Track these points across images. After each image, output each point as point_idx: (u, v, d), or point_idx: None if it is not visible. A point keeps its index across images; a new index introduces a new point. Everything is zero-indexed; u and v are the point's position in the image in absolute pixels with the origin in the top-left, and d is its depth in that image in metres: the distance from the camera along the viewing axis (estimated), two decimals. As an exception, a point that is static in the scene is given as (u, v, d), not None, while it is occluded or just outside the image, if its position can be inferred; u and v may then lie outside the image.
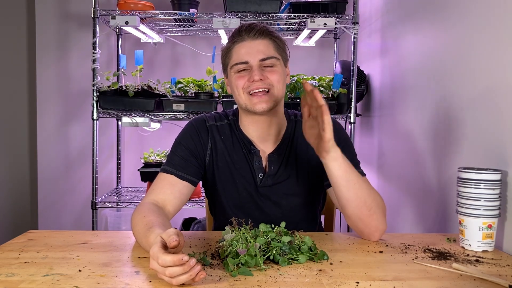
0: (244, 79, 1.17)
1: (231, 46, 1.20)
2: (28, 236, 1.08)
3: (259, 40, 1.17)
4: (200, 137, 1.24)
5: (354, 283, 0.81)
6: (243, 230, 0.94)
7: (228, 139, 1.25)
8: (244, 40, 1.17)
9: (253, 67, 1.16)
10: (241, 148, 1.24)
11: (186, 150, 1.22)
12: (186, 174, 1.19)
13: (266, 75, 1.16)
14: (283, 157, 1.24)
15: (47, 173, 2.77)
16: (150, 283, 0.79)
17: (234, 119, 1.28)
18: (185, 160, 1.20)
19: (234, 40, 1.19)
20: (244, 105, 1.19)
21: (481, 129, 1.21)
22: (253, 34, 1.17)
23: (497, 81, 1.15)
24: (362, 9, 2.41)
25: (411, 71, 1.74)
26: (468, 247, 1.04)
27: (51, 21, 2.73)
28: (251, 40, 1.17)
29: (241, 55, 1.17)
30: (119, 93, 2.15)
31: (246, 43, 1.17)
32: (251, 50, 1.16)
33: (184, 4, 2.27)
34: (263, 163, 1.23)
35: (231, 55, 1.19)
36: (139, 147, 2.77)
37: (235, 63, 1.18)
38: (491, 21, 1.18)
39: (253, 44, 1.17)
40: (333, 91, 2.17)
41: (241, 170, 1.23)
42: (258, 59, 1.16)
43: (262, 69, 1.17)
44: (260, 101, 1.16)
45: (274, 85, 1.17)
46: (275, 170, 1.23)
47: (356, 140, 2.45)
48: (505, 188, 1.07)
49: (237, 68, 1.18)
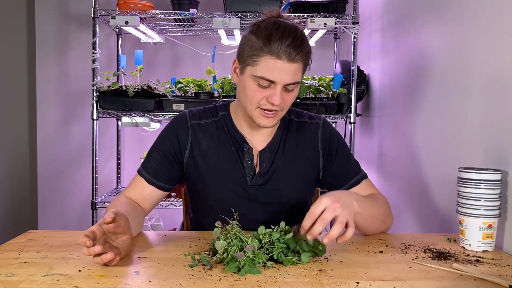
0: (262, 94, 1.09)
1: (262, 51, 1.05)
2: (28, 236, 1.08)
3: (294, 64, 1.06)
4: (178, 138, 1.21)
5: (354, 283, 0.81)
6: (233, 230, 0.92)
7: (215, 137, 1.21)
8: (280, 58, 1.05)
9: (276, 89, 1.07)
10: (230, 146, 1.21)
11: (161, 154, 1.21)
12: (157, 180, 1.20)
13: (284, 98, 1.10)
14: (275, 154, 1.21)
15: (47, 173, 2.77)
16: (150, 283, 0.79)
17: (224, 115, 1.24)
18: (159, 165, 1.20)
19: (269, 48, 1.05)
20: (250, 115, 1.14)
21: (481, 129, 1.21)
22: (293, 56, 1.05)
23: (497, 81, 1.15)
24: (362, 9, 2.41)
25: (411, 71, 1.74)
26: (468, 247, 1.04)
27: (51, 21, 2.73)
28: (287, 61, 1.05)
29: (271, 74, 1.06)
30: (119, 93, 2.15)
31: (281, 63, 1.05)
32: (282, 73, 1.06)
33: (184, 4, 2.27)
34: (254, 161, 1.20)
35: (258, 61, 1.06)
36: (139, 147, 2.77)
37: (262, 77, 1.06)
38: (491, 21, 1.18)
39: (286, 67, 1.06)
40: (333, 91, 2.17)
41: (229, 170, 1.19)
42: (286, 83, 1.07)
43: (282, 90, 1.09)
44: (267, 119, 1.12)
45: (284, 108, 1.13)
46: (266, 169, 1.20)
47: (356, 140, 2.45)
48: (505, 188, 1.07)
49: (258, 81, 1.08)
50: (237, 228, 0.92)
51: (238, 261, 0.85)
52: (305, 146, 1.24)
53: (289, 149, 1.23)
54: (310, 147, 1.24)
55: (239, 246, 0.89)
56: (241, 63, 1.12)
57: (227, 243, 0.89)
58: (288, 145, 1.23)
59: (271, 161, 1.21)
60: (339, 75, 2.20)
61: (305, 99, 2.18)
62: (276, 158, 1.21)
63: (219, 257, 0.88)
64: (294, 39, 1.05)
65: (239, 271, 0.83)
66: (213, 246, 0.93)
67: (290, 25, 1.08)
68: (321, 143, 1.24)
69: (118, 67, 2.62)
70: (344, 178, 1.24)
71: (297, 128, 1.25)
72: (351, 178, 1.24)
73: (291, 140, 1.24)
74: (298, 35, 1.07)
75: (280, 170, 1.21)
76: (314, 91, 2.19)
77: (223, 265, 0.87)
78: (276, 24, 1.07)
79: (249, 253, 0.87)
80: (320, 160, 1.24)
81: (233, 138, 1.21)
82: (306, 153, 1.24)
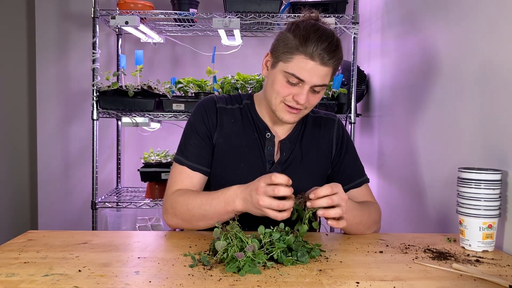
0: (289, 90, 1.12)
1: (297, 50, 1.08)
2: (28, 236, 1.08)
3: (325, 68, 1.09)
4: (209, 118, 1.22)
5: (354, 283, 0.81)
6: (233, 230, 0.92)
7: (238, 123, 1.24)
8: (313, 59, 1.07)
9: (304, 88, 1.11)
10: (253, 131, 1.24)
11: (198, 137, 1.21)
12: (200, 165, 1.19)
13: (309, 99, 1.13)
14: (294, 145, 1.25)
15: (47, 173, 2.76)
16: (150, 283, 0.79)
17: (248, 103, 1.27)
18: (198, 149, 1.20)
19: (304, 48, 1.07)
20: (273, 109, 1.17)
21: (481, 129, 1.21)
22: (326, 60, 1.08)
23: (497, 81, 1.15)
24: (362, 9, 2.41)
25: (411, 71, 1.74)
26: (468, 247, 1.04)
27: (51, 21, 2.73)
28: (320, 64, 1.08)
29: (302, 73, 1.09)
30: (119, 93, 2.15)
31: (313, 64, 1.08)
32: (312, 74, 1.09)
33: (184, 4, 2.27)
34: (275, 149, 1.23)
35: (292, 58, 1.09)
36: (139, 147, 2.77)
37: (293, 74, 1.09)
38: (491, 21, 1.18)
39: (318, 68, 1.09)
40: (333, 91, 2.17)
41: (249, 155, 1.22)
42: (314, 84, 1.10)
43: (309, 91, 1.12)
44: (290, 115, 1.16)
45: (308, 108, 1.17)
46: (285, 157, 1.23)
47: (356, 140, 2.45)
48: (505, 188, 1.07)
49: (288, 77, 1.11)
50: (237, 228, 0.93)
51: (238, 261, 0.85)
52: (321, 139, 1.28)
53: (306, 142, 1.26)
54: (325, 140, 1.28)
55: (239, 246, 0.89)
56: (274, 57, 1.14)
57: (227, 243, 0.89)
58: (305, 138, 1.27)
59: (291, 151, 1.24)
60: (339, 75, 2.20)
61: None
62: (295, 149, 1.25)
63: (219, 257, 0.88)
64: (330, 43, 1.08)
65: (239, 271, 0.84)
66: (213, 246, 0.93)
67: (327, 30, 1.11)
68: (335, 138, 1.29)
69: (118, 67, 2.62)
70: (348, 177, 1.26)
71: (313, 122, 1.30)
72: (355, 179, 1.26)
73: (308, 133, 1.28)
74: (334, 41, 1.10)
75: (298, 160, 1.24)
76: (314, 91, 2.18)
77: (223, 265, 0.87)
78: (315, 27, 1.10)
79: (249, 253, 0.87)
80: (332, 155, 1.28)
81: (256, 125, 1.24)
82: (322, 146, 1.28)
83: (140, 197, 2.44)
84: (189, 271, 0.85)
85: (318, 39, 1.07)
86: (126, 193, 2.60)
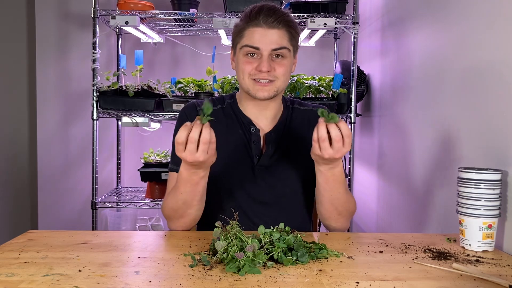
0: (252, 65, 1.17)
1: (245, 26, 1.17)
2: (28, 236, 1.08)
3: (275, 30, 1.15)
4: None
5: (354, 283, 0.81)
6: (233, 230, 0.92)
7: (222, 123, 1.26)
8: (260, 25, 1.15)
9: (263, 56, 1.16)
10: (238, 128, 1.25)
11: None
12: None
13: (274, 67, 1.16)
14: (280, 138, 1.26)
15: (47, 173, 2.76)
16: (150, 283, 0.79)
17: (231, 102, 1.30)
18: None
19: (249, 21, 1.16)
20: (246, 89, 1.21)
21: (481, 129, 1.21)
22: (271, 22, 1.14)
23: (497, 81, 1.15)
24: (362, 9, 2.41)
25: (411, 71, 1.74)
26: (468, 247, 1.04)
27: (51, 21, 2.73)
28: (267, 28, 1.15)
29: (254, 40, 1.15)
30: (119, 93, 2.15)
31: (261, 29, 1.15)
32: (264, 38, 1.15)
33: (184, 4, 2.27)
34: (261, 142, 1.25)
35: (243, 35, 1.17)
36: (139, 147, 2.77)
37: (246, 44, 1.16)
38: (491, 21, 1.18)
39: (268, 32, 1.15)
40: (333, 91, 2.17)
41: (236, 151, 1.23)
42: (270, 48, 1.15)
43: (271, 59, 1.16)
44: (263, 89, 1.18)
45: (279, 78, 1.19)
46: (272, 150, 1.24)
47: (356, 140, 2.45)
48: (505, 188, 1.07)
49: (246, 51, 1.17)
50: (237, 228, 0.93)
51: (238, 261, 0.85)
52: (310, 129, 1.27)
53: (293, 133, 1.28)
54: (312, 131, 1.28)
55: (239, 246, 0.89)
56: (233, 47, 1.23)
57: (227, 243, 0.89)
58: (293, 130, 1.28)
59: (277, 143, 1.25)
60: (339, 75, 2.20)
61: (305, 99, 2.17)
62: (281, 140, 1.26)
63: (219, 257, 0.88)
64: (271, 8, 1.16)
65: (239, 271, 0.83)
66: (213, 246, 0.93)
67: (270, 3, 1.18)
68: None
69: (118, 67, 2.62)
70: None
71: (301, 115, 1.31)
72: None
73: (295, 125, 1.29)
74: (277, 7, 1.17)
75: (285, 151, 1.25)
76: (314, 91, 2.19)
77: (223, 265, 0.87)
78: (256, 4, 1.19)
79: (249, 253, 0.87)
80: None
81: (240, 122, 1.26)
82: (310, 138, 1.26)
83: (140, 197, 2.44)
84: (189, 271, 0.85)
85: (259, 8, 1.16)
86: (126, 193, 2.61)
